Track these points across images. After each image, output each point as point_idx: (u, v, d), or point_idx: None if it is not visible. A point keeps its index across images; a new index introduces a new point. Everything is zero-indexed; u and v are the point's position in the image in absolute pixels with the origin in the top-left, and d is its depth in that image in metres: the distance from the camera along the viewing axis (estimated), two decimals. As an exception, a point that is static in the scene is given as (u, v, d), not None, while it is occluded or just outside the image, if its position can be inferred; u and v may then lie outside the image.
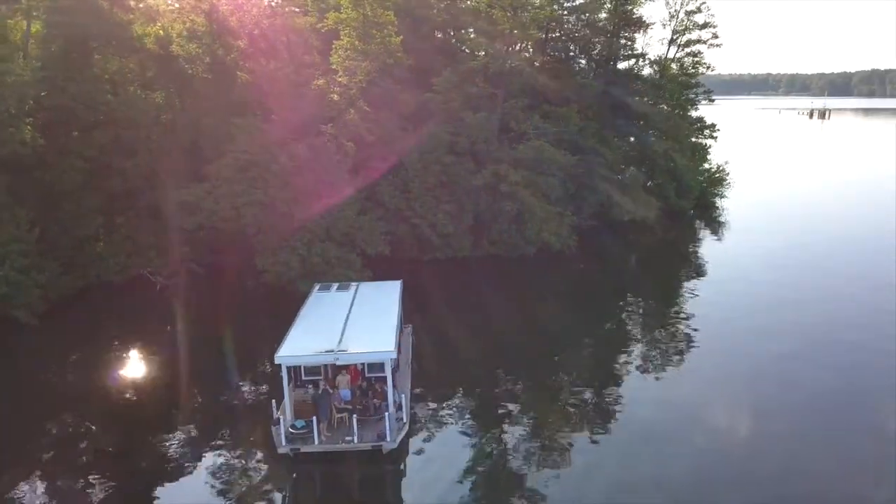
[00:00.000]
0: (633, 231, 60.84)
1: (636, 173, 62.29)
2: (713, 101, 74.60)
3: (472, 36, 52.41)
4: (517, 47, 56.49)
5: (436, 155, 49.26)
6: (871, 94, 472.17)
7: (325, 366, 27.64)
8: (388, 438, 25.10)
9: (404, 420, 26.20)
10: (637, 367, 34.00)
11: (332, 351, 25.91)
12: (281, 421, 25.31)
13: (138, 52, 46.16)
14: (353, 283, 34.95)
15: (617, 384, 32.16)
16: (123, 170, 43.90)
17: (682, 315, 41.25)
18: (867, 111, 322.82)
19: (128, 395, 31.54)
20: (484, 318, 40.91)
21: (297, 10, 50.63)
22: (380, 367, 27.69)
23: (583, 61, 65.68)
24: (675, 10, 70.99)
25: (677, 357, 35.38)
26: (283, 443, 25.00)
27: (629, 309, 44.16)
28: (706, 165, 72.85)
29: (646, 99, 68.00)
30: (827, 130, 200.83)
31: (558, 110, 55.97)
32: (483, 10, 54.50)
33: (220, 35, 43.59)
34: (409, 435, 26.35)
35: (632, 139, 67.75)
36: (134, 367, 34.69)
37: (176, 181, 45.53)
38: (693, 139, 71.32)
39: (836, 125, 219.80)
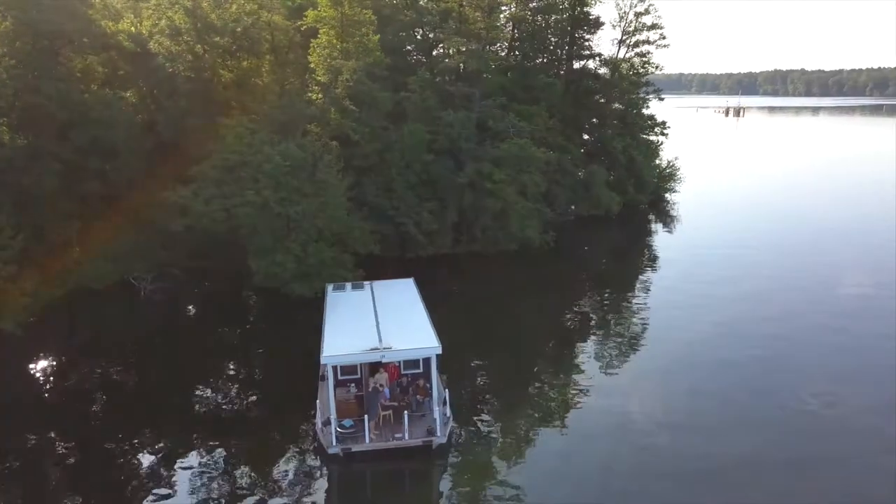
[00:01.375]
0: (596, 225, 63.02)
1: (600, 170, 64.19)
2: (662, 99, 77.55)
3: (447, 36, 52.53)
4: (489, 47, 57.22)
5: (416, 154, 49.53)
6: (774, 93, 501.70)
7: (361, 364, 27.55)
8: (438, 433, 25.39)
9: (447, 414, 26.50)
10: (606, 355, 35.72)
11: (378, 349, 25.95)
12: (332, 421, 25.17)
13: (111, 49, 44.32)
14: (366, 283, 34.90)
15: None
16: (102, 172, 42.22)
17: (652, 304, 43.34)
18: (772, 109, 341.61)
19: (153, 407, 30.48)
20: (477, 313, 41.83)
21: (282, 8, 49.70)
22: (415, 363, 27.95)
23: (544, 60, 66.94)
24: (625, 12, 73.59)
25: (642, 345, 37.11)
26: (334, 443, 24.90)
27: (603, 300, 45.82)
28: (658, 161, 75.71)
29: (603, 98, 70.16)
30: (743, 127, 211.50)
31: (529, 109, 57.12)
32: (455, 10, 55.03)
33: (202, 32, 42.30)
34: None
35: (588, 136, 69.73)
36: (141, 377, 33.50)
37: (158, 183, 44.23)
38: (645, 136, 73.95)
39: (750, 122, 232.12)
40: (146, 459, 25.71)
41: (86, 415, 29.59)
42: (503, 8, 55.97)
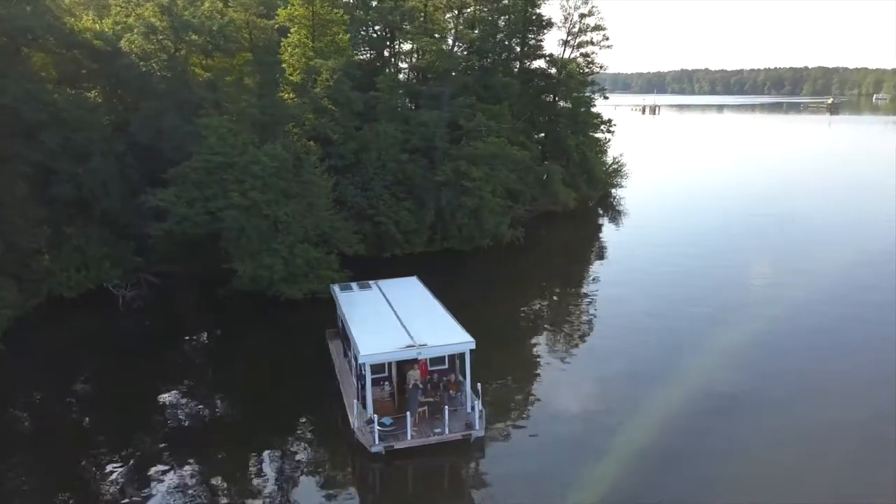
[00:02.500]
0: (555, 220, 64.88)
1: (556, 167, 65.97)
2: (607, 97, 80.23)
3: (415, 35, 52.92)
4: (455, 47, 57.92)
5: (391, 153, 49.72)
6: (682, 92, 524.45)
7: (389, 363, 27.71)
8: (476, 427, 25.94)
9: (480, 408, 27.01)
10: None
11: (413, 346, 26.26)
12: (374, 420, 25.30)
13: (76, 47, 42.41)
14: (371, 283, 34.97)
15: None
16: (74, 175, 40.45)
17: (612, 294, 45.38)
18: (681, 107, 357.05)
19: (176, 418, 29.68)
20: (464, 307, 42.23)
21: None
22: (440, 360, 28.41)
23: (500, 60, 68.09)
24: (570, 13, 75.72)
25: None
26: (376, 441, 25.05)
27: (574, 291, 48.06)
28: (605, 158, 78.39)
29: (554, 97, 71.99)
30: (660, 123, 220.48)
31: (493, 108, 58.09)
32: (421, 10, 55.41)
33: (179, 30, 41.02)
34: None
35: (543, 134, 71.46)
36: (147, 387, 32.38)
37: (133, 186, 42.82)
38: (592, 134, 76.35)
39: (666, 119, 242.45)
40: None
41: (67, 431, 28.31)
42: (466, 10, 56.62)
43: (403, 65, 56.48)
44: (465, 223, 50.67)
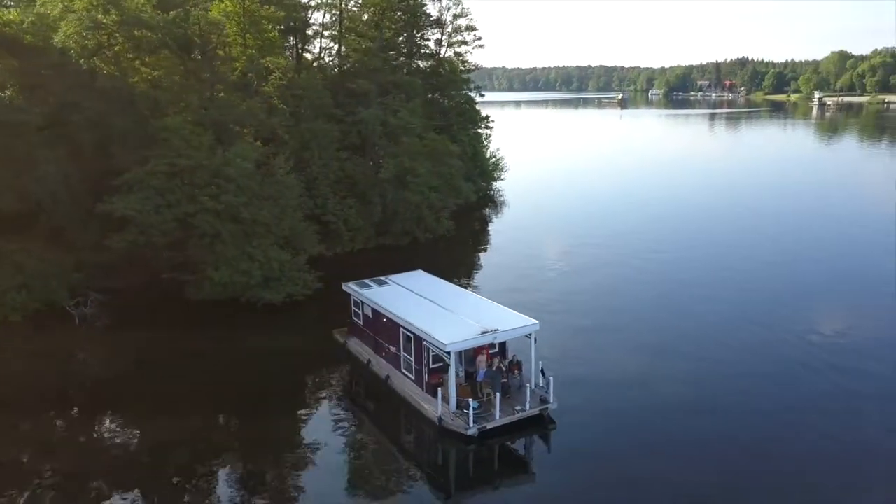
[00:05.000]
0: (462, 213, 67.63)
1: (458, 162, 68.49)
2: (483, 95, 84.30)
3: (343, 35, 52.81)
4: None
5: (330, 152, 49.55)
6: (483, 88, 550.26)
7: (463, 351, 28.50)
8: (551, 401, 27.91)
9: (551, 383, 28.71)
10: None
11: (489, 331, 27.60)
12: (470, 404, 26.34)
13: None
14: (383, 278, 35.35)
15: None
16: (12, 186, 36.18)
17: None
18: (481, 103, 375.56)
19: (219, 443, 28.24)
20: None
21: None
22: (491, 345, 29.91)
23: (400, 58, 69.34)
24: (443, 13, 78.74)
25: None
26: (471, 424, 26.16)
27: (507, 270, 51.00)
28: (487, 153, 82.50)
29: (442, 95, 74.63)
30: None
31: (408, 106, 59.34)
32: (338, 7, 55.29)
33: (130, 26, 37.81)
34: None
35: (439, 131, 73.68)
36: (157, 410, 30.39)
37: (77, 195, 39.08)
38: (476, 130, 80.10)
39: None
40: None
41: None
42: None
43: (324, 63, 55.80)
44: (409, 218, 51.72)
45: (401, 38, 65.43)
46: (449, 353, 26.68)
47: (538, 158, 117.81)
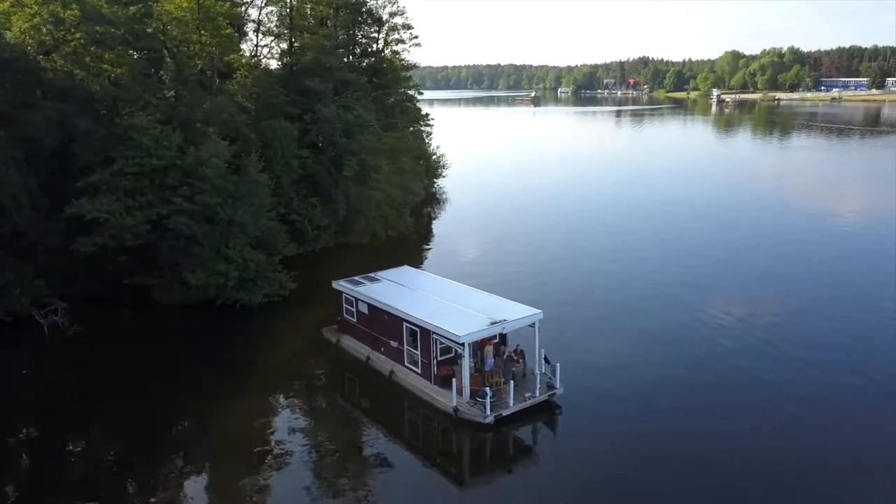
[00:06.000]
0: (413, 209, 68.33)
1: (407, 159, 68.86)
2: (422, 93, 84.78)
3: (296, 33, 52.12)
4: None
5: (291, 150, 48.95)
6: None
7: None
8: (558, 386, 28.90)
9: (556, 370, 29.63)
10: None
11: (497, 322, 28.30)
12: (487, 393, 26.94)
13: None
14: (372, 274, 35.40)
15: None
16: (-27, 189, 34.12)
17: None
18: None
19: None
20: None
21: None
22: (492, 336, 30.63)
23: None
24: (379, 10, 78.74)
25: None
26: (489, 412, 26.81)
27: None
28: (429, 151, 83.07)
29: (386, 93, 74.61)
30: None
31: (360, 103, 59.21)
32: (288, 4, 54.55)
33: (92, 21, 36.02)
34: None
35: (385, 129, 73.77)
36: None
37: (35, 199, 37.14)
38: (419, 127, 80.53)
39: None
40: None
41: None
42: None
43: (273, 61, 54.92)
44: (371, 216, 51.71)
45: (344, 36, 64.99)
46: (463, 344, 27.23)
47: (469, 157, 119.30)
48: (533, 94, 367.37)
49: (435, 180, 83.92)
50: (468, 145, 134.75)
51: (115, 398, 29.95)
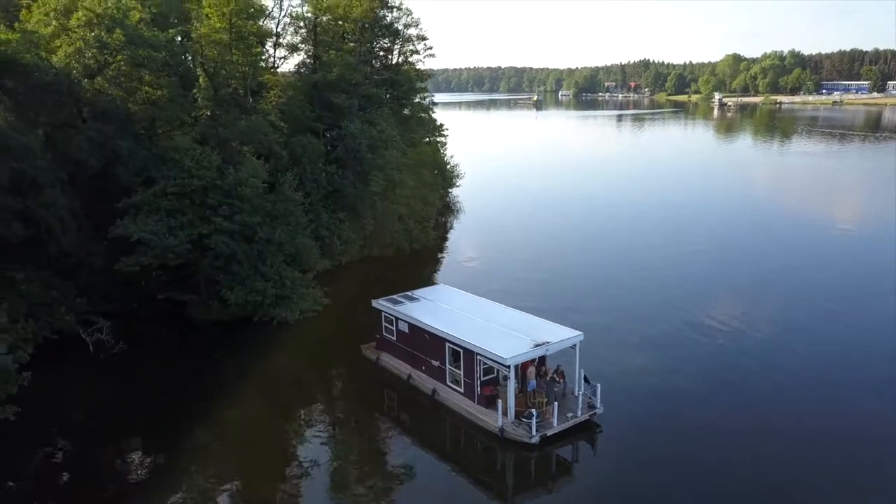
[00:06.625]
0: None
1: (425, 171, 69.81)
2: (436, 103, 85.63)
3: (324, 50, 53.01)
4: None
5: (319, 165, 49.83)
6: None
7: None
8: (598, 406, 29.79)
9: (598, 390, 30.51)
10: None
11: (541, 344, 29.19)
12: (533, 414, 27.83)
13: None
14: (410, 293, 36.25)
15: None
16: (22, 211, 34.91)
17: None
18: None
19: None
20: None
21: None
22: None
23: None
24: (395, 22, 79.44)
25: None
26: (534, 432, 27.71)
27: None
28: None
29: (402, 104, 75.46)
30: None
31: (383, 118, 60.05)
32: (313, 21, 55.40)
33: (136, 45, 36.89)
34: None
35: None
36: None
37: (79, 219, 38.02)
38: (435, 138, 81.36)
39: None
40: None
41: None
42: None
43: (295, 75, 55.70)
44: (396, 230, 52.61)
45: (365, 50, 65.75)
46: (509, 366, 28.12)
47: (479, 163, 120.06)
48: (535, 98, 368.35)
49: (450, 190, 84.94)
50: (477, 151, 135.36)
51: (159, 412, 31.17)
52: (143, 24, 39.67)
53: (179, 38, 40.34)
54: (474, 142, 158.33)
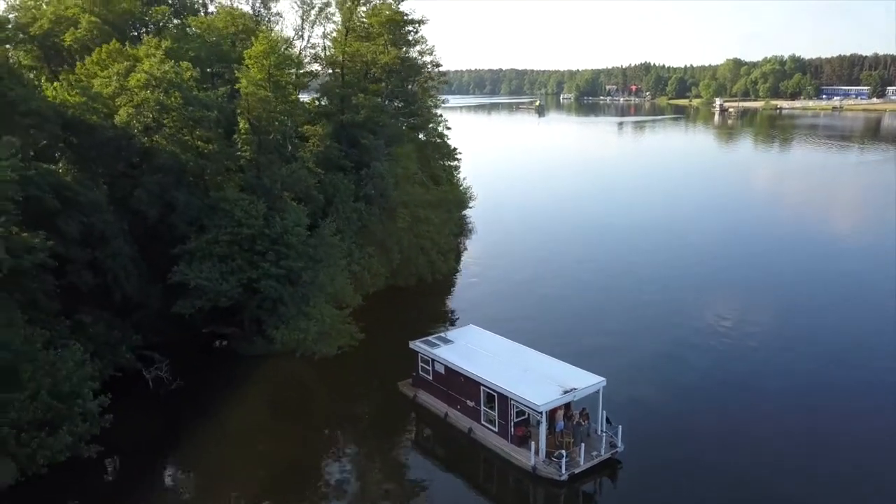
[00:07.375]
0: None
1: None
2: (450, 129, 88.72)
3: (354, 92, 56.30)
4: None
5: (349, 203, 53.06)
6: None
7: None
8: (619, 445, 33.15)
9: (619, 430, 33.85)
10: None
11: (570, 391, 32.54)
12: (563, 454, 31.21)
13: (53, 121, 39.39)
14: (444, 334, 39.57)
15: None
16: (91, 262, 38.23)
17: None
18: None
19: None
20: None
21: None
22: (557, 399, 34.81)
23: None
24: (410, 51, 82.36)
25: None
26: (563, 471, 31.07)
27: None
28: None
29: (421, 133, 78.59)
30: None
31: (401, 150, 63.25)
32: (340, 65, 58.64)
33: (192, 105, 40.26)
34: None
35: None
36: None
37: (150, 267, 41.44)
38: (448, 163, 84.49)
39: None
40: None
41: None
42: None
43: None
44: (421, 263, 55.93)
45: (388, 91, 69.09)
46: (542, 412, 31.47)
47: (487, 176, 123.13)
48: (537, 103, 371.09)
49: (463, 213, 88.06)
50: (484, 163, 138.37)
51: (213, 442, 34.91)
52: (193, 82, 42.88)
53: (230, 97, 43.33)
54: (482, 151, 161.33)
